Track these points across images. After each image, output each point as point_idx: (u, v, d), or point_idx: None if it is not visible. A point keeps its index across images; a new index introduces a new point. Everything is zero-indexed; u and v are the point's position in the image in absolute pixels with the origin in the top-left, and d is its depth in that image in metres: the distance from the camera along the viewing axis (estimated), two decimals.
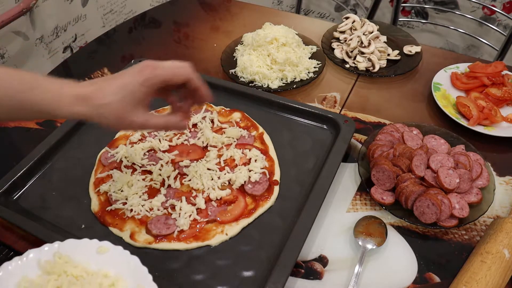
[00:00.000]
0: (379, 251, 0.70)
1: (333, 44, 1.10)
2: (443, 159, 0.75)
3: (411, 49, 1.08)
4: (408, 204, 0.72)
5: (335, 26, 1.17)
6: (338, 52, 1.08)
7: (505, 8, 1.82)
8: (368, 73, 1.04)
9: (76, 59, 1.22)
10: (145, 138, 0.85)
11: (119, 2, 1.71)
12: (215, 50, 1.18)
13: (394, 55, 1.08)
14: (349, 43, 1.07)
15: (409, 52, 1.08)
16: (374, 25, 1.10)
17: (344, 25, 1.13)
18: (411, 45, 1.10)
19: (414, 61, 1.07)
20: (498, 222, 0.69)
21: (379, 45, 1.06)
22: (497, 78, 0.97)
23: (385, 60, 1.06)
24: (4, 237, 0.73)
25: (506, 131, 0.88)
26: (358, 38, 1.06)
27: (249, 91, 0.95)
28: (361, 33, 1.07)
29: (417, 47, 1.09)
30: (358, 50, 1.05)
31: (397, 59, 1.08)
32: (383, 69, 1.06)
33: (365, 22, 1.10)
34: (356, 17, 1.09)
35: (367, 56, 1.03)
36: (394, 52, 1.09)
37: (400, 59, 1.08)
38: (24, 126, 0.97)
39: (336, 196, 0.79)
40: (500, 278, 0.62)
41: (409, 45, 1.10)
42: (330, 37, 1.17)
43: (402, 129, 0.84)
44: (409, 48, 1.09)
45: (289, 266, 0.62)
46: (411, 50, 1.08)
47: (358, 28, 1.10)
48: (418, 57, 1.08)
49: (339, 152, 0.79)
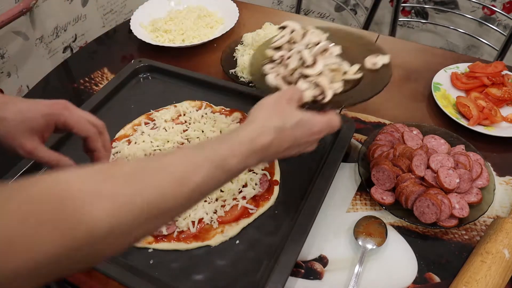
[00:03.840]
0: (379, 251, 0.70)
1: (266, 67, 0.72)
2: (443, 159, 0.75)
3: (376, 61, 0.74)
4: (408, 204, 0.72)
5: (268, 41, 0.79)
6: (272, 78, 0.70)
7: (505, 8, 1.82)
8: (317, 105, 0.65)
9: (76, 59, 1.22)
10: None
11: (119, 2, 1.70)
12: (215, 50, 1.18)
13: (353, 73, 0.73)
14: (287, 64, 0.71)
15: (373, 65, 0.73)
16: (321, 33, 0.76)
17: (280, 37, 0.75)
18: (375, 55, 0.74)
19: (382, 77, 0.71)
20: (498, 222, 0.69)
21: (330, 61, 0.70)
22: (497, 78, 0.97)
23: (341, 82, 0.71)
24: None
25: (506, 131, 0.88)
26: (299, 55, 0.70)
27: (249, 91, 0.95)
28: (303, 47, 0.71)
29: (384, 57, 0.74)
30: (300, 73, 0.69)
31: (359, 78, 0.73)
32: (340, 95, 0.68)
33: (308, 30, 0.75)
34: (296, 25, 0.75)
35: (312, 80, 0.67)
36: (352, 67, 0.73)
37: (362, 77, 0.73)
38: None
39: (336, 196, 0.79)
40: (500, 278, 0.62)
41: (373, 55, 0.74)
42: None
43: (402, 129, 0.84)
44: (373, 59, 0.74)
45: (289, 266, 0.62)
46: (376, 62, 0.74)
47: (299, 41, 0.74)
48: (387, 72, 0.72)
49: (339, 152, 0.79)
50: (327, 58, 0.71)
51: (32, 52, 1.41)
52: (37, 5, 1.35)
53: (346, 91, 0.70)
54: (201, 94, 0.97)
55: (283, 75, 0.71)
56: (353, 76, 0.72)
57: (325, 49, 0.72)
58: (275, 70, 0.72)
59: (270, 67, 0.73)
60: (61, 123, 0.58)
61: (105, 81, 1.10)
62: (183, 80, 1.02)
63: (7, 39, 1.30)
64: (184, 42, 1.19)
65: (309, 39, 0.74)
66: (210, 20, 1.27)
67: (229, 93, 0.96)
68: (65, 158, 0.59)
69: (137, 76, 1.04)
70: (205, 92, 0.98)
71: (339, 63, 0.72)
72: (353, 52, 0.76)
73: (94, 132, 0.60)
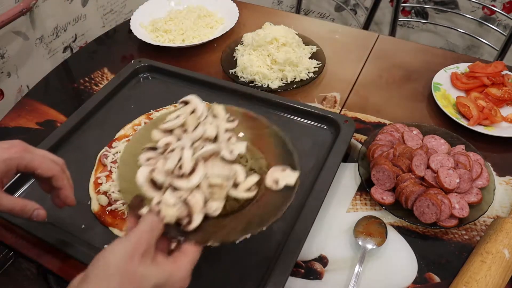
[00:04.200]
0: (379, 251, 0.70)
1: (143, 156, 0.56)
2: (443, 159, 0.75)
3: (280, 177, 0.57)
4: (408, 204, 0.72)
5: (163, 117, 0.62)
6: (142, 176, 0.54)
7: (505, 8, 1.82)
8: (180, 231, 0.50)
9: (76, 59, 1.22)
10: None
11: (119, 2, 1.71)
12: (215, 50, 1.18)
13: (245, 189, 0.56)
14: (168, 159, 0.54)
15: (274, 183, 0.57)
16: (224, 119, 0.59)
17: (174, 117, 0.58)
18: (282, 167, 0.58)
19: (277, 205, 0.54)
20: (498, 222, 0.69)
21: (214, 172, 0.53)
22: (497, 78, 0.97)
23: (221, 202, 0.53)
24: (5, 237, 0.73)
25: (506, 131, 0.88)
26: (180, 154, 0.54)
27: (249, 91, 0.95)
28: (189, 143, 0.55)
29: (292, 174, 0.57)
30: (170, 183, 0.52)
31: (250, 198, 0.56)
32: (214, 222, 0.53)
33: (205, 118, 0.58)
34: (199, 103, 0.59)
35: (183, 196, 0.51)
36: (249, 180, 0.56)
37: (255, 198, 0.56)
38: (24, 126, 0.97)
39: (336, 196, 0.79)
40: (500, 278, 0.62)
41: (279, 167, 0.58)
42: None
43: (402, 129, 0.84)
44: (276, 173, 0.58)
45: (289, 266, 0.62)
46: (279, 179, 0.57)
47: (191, 130, 0.56)
48: (286, 198, 0.55)
49: (339, 152, 0.79)
50: (213, 166, 0.54)
51: (32, 52, 1.41)
52: (37, 5, 1.36)
53: (227, 214, 0.54)
54: (201, 94, 0.96)
55: (157, 174, 0.53)
56: (241, 194, 0.56)
57: (215, 152, 0.55)
58: (152, 164, 0.55)
59: (148, 157, 0.56)
60: (23, 166, 0.56)
61: (105, 81, 1.10)
62: (183, 80, 1.02)
63: (7, 39, 1.30)
64: (184, 42, 1.19)
65: (203, 131, 0.56)
66: (210, 20, 1.27)
67: (229, 93, 0.96)
68: (31, 203, 0.57)
69: (137, 76, 1.04)
70: (205, 92, 0.98)
71: (225, 176, 0.54)
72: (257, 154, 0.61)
73: (58, 170, 0.58)
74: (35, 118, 0.99)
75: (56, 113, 1.01)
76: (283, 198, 0.56)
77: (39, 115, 1.00)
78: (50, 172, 0.58)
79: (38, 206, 0.58)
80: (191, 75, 1.01)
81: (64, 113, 1.00)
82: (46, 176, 0.58)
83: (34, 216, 0.58)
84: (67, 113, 0.98)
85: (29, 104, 1.03)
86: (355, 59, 1.13)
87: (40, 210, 0.58)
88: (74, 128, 0.89)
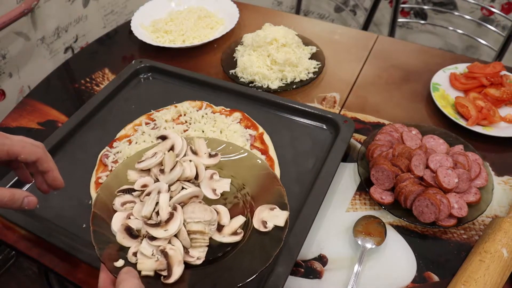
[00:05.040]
0: (379, 250, 0.70)
1: (118, 199, 0.53)
2: (442, 159, 0.76)
3: (269, 217, 0.54)
4: (407, 203, 0.72)
5: (139, 154, 0.59)
6: (117, 223, 0.50)
7: (504, 9, 1.83)
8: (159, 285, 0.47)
9: (77, 59, 1.23)
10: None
11: (120, 3, 1.71)
12: (215, 51, 1.19)
13: (230, 233, 0.52)
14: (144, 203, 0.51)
15: (263, 224, 0.54)
16: (204, 159, 0.56)
17: (151, 155, 0.55)
18: (271, 207, 0.55)
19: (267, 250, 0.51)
20: (496, 222, 0.70)
21: (196, 215, 0.49)
22: (495, 78, 0.97)
23: (202, 250, 0.50)
24: (6, 237, 0.74)
25: (505, 131, 0.89)
26: (157, 198, 0.50)
27: (249, 92, 0.95)
28: (165, 186, 0.51)
29: (282, 214, 0.54)
30: (146, 231, 0.48)
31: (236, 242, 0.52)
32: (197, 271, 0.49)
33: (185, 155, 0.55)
34: (178, 139, 0.56)
35: (160, 246, 0.48)
36: (234, 222, 0.53)
37: (242, 242, 0.53)
38: (26, 126, 0.98)
39: (336, 195, 0.79)
40: (499, 277, 0.63)
41: (267, 206, 0.55)
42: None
43: (401, 129, 0.85)
44: (265, 213, 0.54)
45: (289, 265, 0.63)
46: (268, 219, 0.54)
47: (168, 169, 0.52)
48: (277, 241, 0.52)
49: (338, 152, 0.79)
50: (193, 210, 0.49)
51: (33, 52, 1.42)
52: (38, 6, 1.36)
53: (211, 261, 0.50)
54: (201, 95, 0.98)
55: (132, 221, 0.48)
56: (226, 239, 0.51)
57: (195, 195, 0.50)
58: (128, 209, 0.50)
59: (123, 201, 0.51)
60: (4, 153, 0.53)
61: (106, 81, 1.11)
62: (183, 80, 1.02)
63: (8, 40, 1.30)
64: (184, 43, 1.19)
65: (181, 171, 0.50)
66: (211, 20, 1.27)
67: (229, 94, 0.96)
68: (19, 191, 0.53)
69: (138, 76, 1.05)
70: (206, 92, 0.98)
71: (207, 221, 0.49)
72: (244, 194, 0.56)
73: (41, 152, 0.55)
74: (37, 118, 1.00)
75: (57, 113, 1.01)
76: (272, 242, 0.51)
77: (41, 115, 1.01)
78: (34, 156, 0.55)
79: (27, 193, 0.54)
80: (191, 76, 1.01)
81: (65, 113, 1.00)
82: (30, 160, 0.55)
83: (25, 204, 0.54)
84: (68, 113, 0.99)
85: (31, 104, 1.04)
86: (354, 60, 1.13)
87: (30, 197, 0.54)
88: (75, 128, 0.89)
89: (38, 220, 0.73)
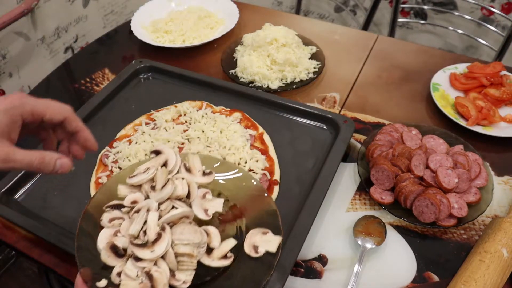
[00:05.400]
0: (378, 250, 0.70)
1: (105, 215, 0.51)
2: (442, 159, 0.76)
3: (260, 242, 0.53)
4: (407, 203, 0.72)
5: (131, 169, 0.57)
6: (102, 241, 0.49)
7: (504, 9, 1.83)
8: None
9: (77, 59, 1.23)
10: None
11: (120, 3, 1.71)
12: (215, 51, 1.19)
13: (220, 256, 0.51)
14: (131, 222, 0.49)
15: (254, 249, 0.53)
16: (198, 177, 0.55)
17: (143, 170, 0.53)
18: (264, 230, 0.54)
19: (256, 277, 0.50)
20: (496, 222, 0.70)
21: (185, 237, 0.48)
22: (495, 78, 0.97)
23: (189, 274, 0.48)
24: (6, 237, 0.74)
25: (505, 131, 0.89)
26: (145, 216, 0.49)
27: (249, 92, 0.95)
28: (155, 204, 0.50)
29: (274, 239, 0.54)
30: (132, 251, 0.47)
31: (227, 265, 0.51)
32: None
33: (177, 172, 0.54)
34: (172, 154, 0.55)
35: (146, 268, 0.46)
36: (224, 245, 0.52)
37: (231, 267, 0.51)
38: None
39: (336, 195, 0.79)
40: (498, 277, 0.63)
41: (260, 230, 0.54)
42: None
43: (401, 129, 0.85)
44: (256, 237, 0.54)
45: (289, 265, 0.63)
46: (259, 244, 0.53)
47: (159, 187, 0.51)
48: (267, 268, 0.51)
49: (338, 152, 0.79)
50: (182, 231, 0.47)
51: (33, 52, 1.42)
52: (38, 6, 1.36)
53: (198, 285, 0.49)
54: (201, 95, 0.98)
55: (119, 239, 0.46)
56: (215, 263, 0.50)
57: (186, 216, 0.49)
58: (116, 225, 0.49)
59: (111, 217, 0.50)
60: (28, 113, 0.48)
61: (106, 81, 1.11)
62: (183, 80, 1.02)
63: (8, 40, 1.30)
64: (184, 43, 1.19)
65: (172, 189, 0.49)
66: (211, 20, 1.27)
67: (229, 94, 0.96)
68: (50, 153, 0.49)
69: (138, 76, 1.05)
70: (206, 92, 0.98)
71: (196, 244, 0.47)
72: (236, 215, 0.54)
73: (70, 110, 0.51)
74: None
75: None
76: (263, 268, 0.50)
77: None
78: (60, 115, 0.50)
79: (59, 155, 0.49)
80: (191, 76, 1.01)
81: None
82: (57, 120, 0.50)
83: (58, 167, 0.49)
84: None
85: None
86: (354, 60, 1.13)
87: (63, 158, 0.49)
88: None
89: (38, 220, 0.73)
